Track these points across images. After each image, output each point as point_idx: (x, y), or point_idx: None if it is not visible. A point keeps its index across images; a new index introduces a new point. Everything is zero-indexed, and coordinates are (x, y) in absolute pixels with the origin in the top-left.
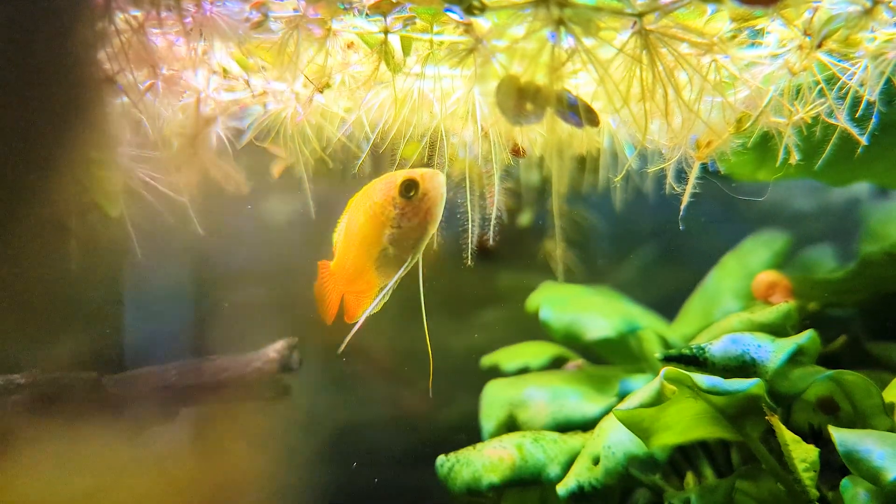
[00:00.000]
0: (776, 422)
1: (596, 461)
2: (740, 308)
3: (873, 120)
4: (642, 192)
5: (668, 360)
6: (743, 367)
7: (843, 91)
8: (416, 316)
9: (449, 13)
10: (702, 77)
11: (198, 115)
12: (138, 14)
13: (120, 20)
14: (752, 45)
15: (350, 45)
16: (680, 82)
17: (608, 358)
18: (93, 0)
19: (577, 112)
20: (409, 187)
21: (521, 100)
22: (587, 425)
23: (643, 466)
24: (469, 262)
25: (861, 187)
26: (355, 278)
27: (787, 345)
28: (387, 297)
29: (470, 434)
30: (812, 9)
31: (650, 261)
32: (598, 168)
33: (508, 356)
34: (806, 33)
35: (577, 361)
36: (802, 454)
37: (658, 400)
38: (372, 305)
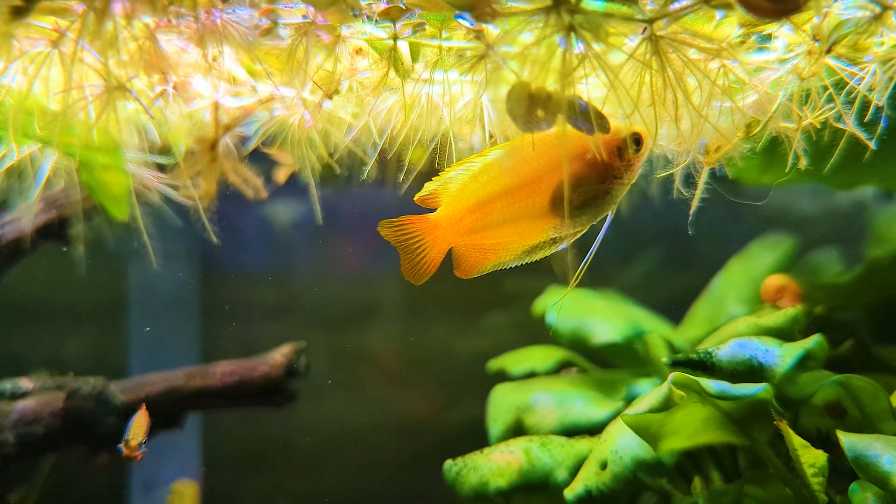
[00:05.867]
0: (785, 427)
1: (604, 466)
2: (746, 312)
3: (881, 124)
4: (648, 196)
5: (675, 364)
6: (750, 371)
7: (852, 96)
8: (421, 319)
9: (459, 20)
10: (711, 82)
11: (217, 121)
12: (149, 21)
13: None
14: (761, 49)
15: (358, 51)
16: (689, 87)
17: (615, 362)
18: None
19: (588, 118)
20: (639, 140)
21: (532, 106)
22: (594, 430)
23: (651, 471)
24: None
25: (867, 191)
26: (482, 230)
27: (795, 349)
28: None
29: (477, 438)
30: (821, 14)
31: (656, 265)
32: None
33: (515, 360)
34: (815, 38)
35: (573, 369)
36: (811, 459)
37: (666, 405)
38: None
